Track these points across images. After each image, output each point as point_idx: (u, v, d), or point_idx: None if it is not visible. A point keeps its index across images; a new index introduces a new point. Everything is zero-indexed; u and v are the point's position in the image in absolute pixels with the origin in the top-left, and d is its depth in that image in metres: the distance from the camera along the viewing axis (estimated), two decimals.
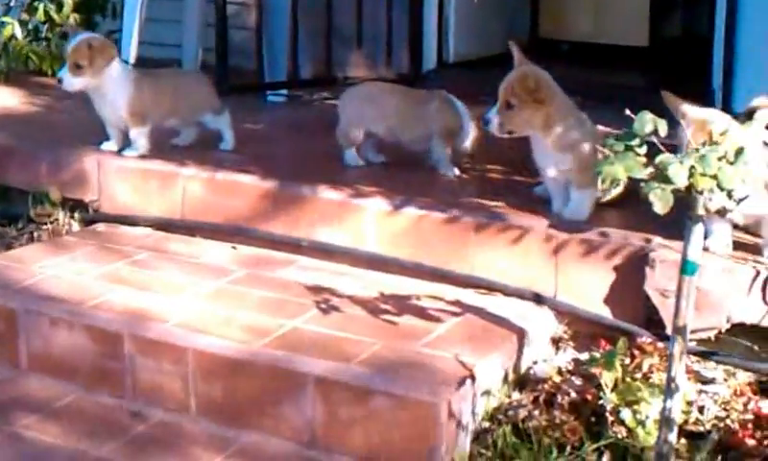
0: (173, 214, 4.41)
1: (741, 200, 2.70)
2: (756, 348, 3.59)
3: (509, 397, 3.45)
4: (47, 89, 5.85)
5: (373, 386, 3.21)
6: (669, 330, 3.15)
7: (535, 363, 3.66)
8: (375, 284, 3.92)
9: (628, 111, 2.82)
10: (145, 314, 3.59)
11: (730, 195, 2.65)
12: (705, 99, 4.35)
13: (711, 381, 3.53)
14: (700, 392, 3.43)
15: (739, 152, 2.63)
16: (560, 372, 3.61)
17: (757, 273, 3.51)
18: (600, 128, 3.99)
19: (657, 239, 3.73)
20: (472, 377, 3.27)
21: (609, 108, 3.72)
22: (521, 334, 3.61)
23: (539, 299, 3.83)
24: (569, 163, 3.84)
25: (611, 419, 3.24)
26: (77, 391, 3.53)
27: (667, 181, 2.62)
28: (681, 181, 2.62)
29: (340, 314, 3.63)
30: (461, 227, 3.96)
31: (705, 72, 5.30)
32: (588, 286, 3.79)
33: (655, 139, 2.72)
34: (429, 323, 3.60)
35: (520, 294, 3.86)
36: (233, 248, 4.24)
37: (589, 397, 3.32)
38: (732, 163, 2.63)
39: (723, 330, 3.58)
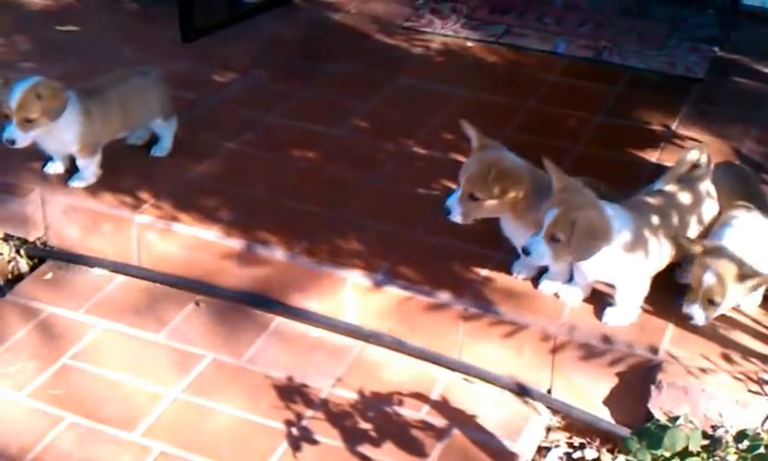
0: (128, 259, 3.77)
1: None
2: None
3: None
4: None
5: None
6: None
7: None
8: (353, 373, 3.38)
9: None
10: None
11: None
12: None
13: None
14: None
15: None
16: None
17: None
18: None
19: (664, 345, 3.18)
20: None
21: None
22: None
23: (531, 395, 3.32)
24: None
25: None
26: None
27: None
28: None
29: (313, 450, 3.11)
30: (449, 312, 3.38)
31: None
32: (587, 387, 3.28)
33: None
34: (414, 458, 3.09)
35: (511, 388, 3.33)
36: (197, 304, 3.65)
37: None
38: None
39: None
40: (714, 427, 2.51)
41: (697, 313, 3.12)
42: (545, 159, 3.20)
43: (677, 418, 2.33)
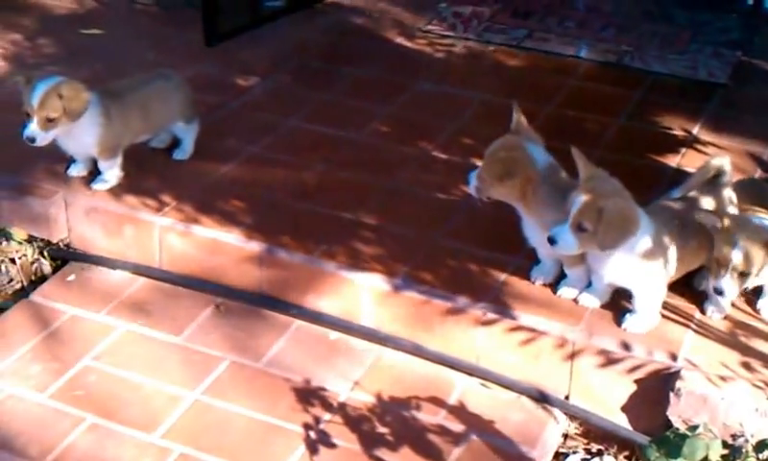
0: (150, 261, 3.78)
1: None
2: None
3: None
4: None
5: None
6: None
7: None
8: (371, 376, 3.37)
9: None
10: None
11: None
12: None
13: None
14: None
15: None
16: None
17: None
18: None
19: (684, 352, 3.16)
20: None
21: None
22: None
23: (549, 401, 3.30)
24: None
25: None
26: None
27: None
28: None
29: (330, 453, 3.11)
30: (467, 317, 3.37)
31: None
32: (605, 393, 3.25)
33: None
34: None
35: (529, 394, 3.32)
36: (217, 307, 3.66)
37: None
38: None
39: None
40: (734, 436, 2.50)
41: (728, 287, 3.08)
42: (573, 148, 3.18)
43: (696, 426, 2.30)
